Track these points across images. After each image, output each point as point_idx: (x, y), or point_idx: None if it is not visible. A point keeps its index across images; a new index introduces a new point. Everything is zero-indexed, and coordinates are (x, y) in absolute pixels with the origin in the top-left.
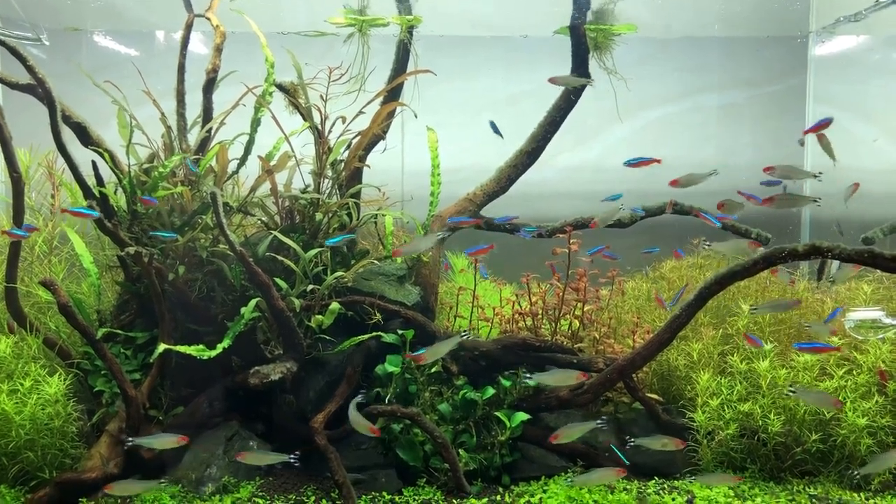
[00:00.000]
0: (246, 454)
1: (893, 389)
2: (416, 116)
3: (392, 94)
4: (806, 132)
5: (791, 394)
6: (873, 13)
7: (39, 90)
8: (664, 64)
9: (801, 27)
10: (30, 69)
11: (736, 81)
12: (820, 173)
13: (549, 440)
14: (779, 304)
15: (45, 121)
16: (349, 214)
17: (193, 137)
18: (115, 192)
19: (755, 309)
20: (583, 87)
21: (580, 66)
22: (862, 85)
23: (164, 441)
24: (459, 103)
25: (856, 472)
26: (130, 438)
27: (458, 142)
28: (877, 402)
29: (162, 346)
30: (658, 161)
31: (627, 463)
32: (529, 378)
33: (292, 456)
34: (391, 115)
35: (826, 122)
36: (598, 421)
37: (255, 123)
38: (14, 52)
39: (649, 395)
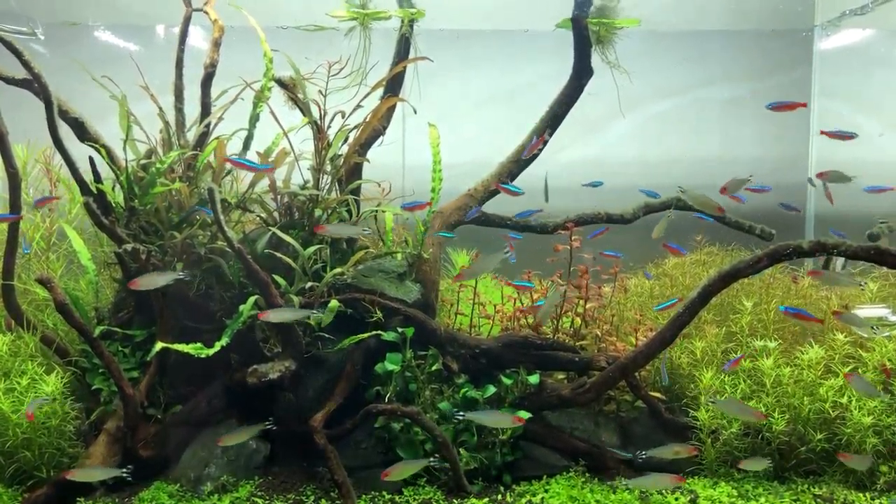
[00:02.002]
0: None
1: None
2: (415, 112)
3: (392, 87)
4: (823, 132)
5: (713, 403)
6: (879, 6)
7: (35, 85)
8: (667, 58)
9: (806, 21)
10: (25, 64)
11: (740, 75)
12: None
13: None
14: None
15: (41, 116)
16: (349, 210)
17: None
18: (112, 189)
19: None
20: (585, 81)
21: (582, 61)
22: (867, 78)
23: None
24: (460, 97)
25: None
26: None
27: (459, 136)
28: (882, 400)
29: (160, 345)
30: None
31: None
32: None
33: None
34: (391, 109)
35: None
36: (431, 459)
37: (254, 119)
38: (9, 46)
39: (652, 393)
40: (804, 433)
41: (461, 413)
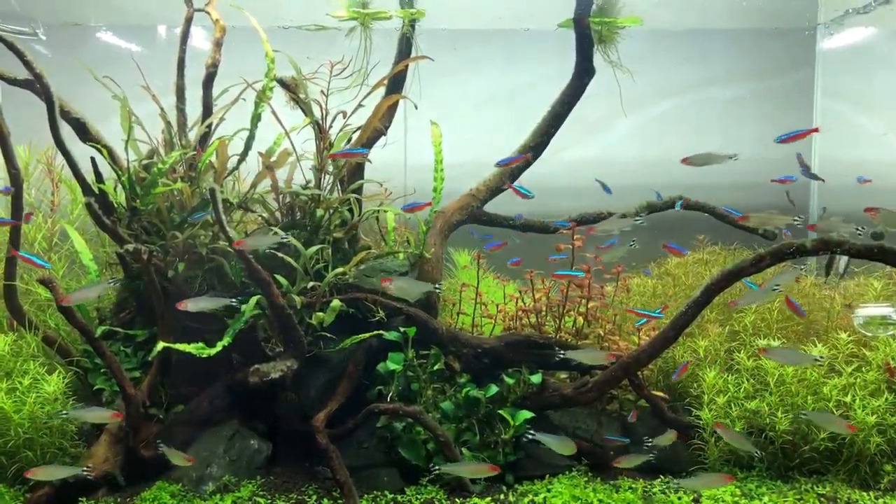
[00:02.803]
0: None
1: None
2: (416, 107)
3: (393, 87)
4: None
5: (804, 415)
6: (882, 6)
7: (37, 85)
8: (670, 57)
9: (809, 19)
10: (27, 64)
11: (742, 75)
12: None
13: None
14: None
15: (43, 116)
16: (350, 210)
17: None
18: (114, 189)
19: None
20: (587, 81)
21: (584, 60)
22: (870, 78)
23: (98, 415)
24: (461, 97)
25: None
26: (64, 412)
27: (460, 136)
28: (886, 399)
29: (161, 344)
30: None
31: (627, 441)
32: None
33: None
34: (393, 108)
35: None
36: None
37: (256, 119)
38: (11, 46)
39: (655, 392)
40: (808, 432)
41: (532, 432)
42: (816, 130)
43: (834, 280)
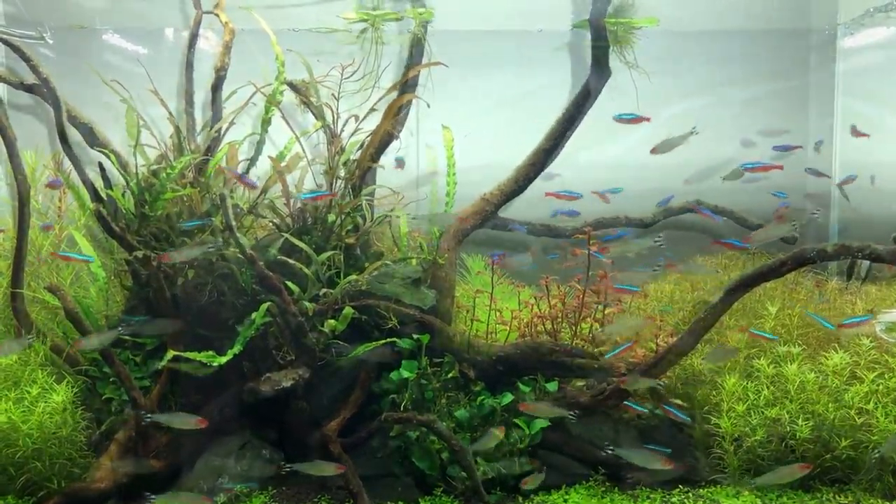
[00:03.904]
0: None
1: None
2: (428, 106)
3: (405, 90)
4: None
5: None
6: None
7: (45, 90)
8: (687, 58)
9: (829, 19)
10: (34, 68)
11: (761, 75)
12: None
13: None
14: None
15: (50, 121)
16: (362, 215)
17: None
18: (122, 195)
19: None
20: (604, 82)
21: (600, 61)
22: (891, 76)
23: (182, 421)
24: (474, 100)
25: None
26: (149, 415)
27: (472, 140)
28: None
29: (171, 353)
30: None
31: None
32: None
33: None
34: (404, 111)
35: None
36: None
37: (266, 123)
38: (18, 51)
39: (673, 400)
40: (829, 440)
41: (610, 447)
42: (780, 167)
43: (856, 284)
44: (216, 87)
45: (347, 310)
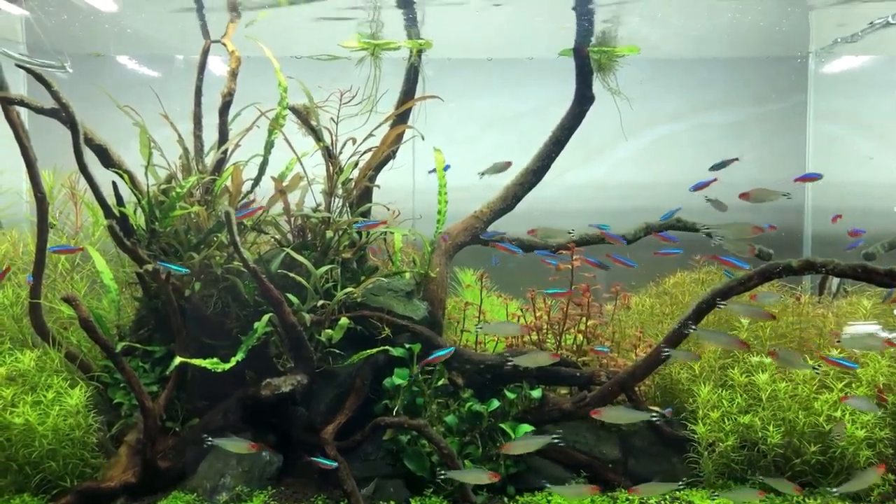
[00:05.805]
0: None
1: (892, 402)
2: (423, 139)
3: (401, 115)
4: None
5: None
6: (868, 34)
7: (63, 114)
8: (668, 83)
9: (801, 48)
10: (54, 94)
11: (739, 100)
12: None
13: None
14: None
15: (68, 143)
16: (359, 232)
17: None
18: (134, 212)
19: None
20: (587, 107)
21: (584, 88)
22: (862, 101)
23: (237, 445)
24: (466, 122)
25: (834, 490)
26: (210, 439)
27: (465, 159)
28: (875, 414)
29: (178, 360)
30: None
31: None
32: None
33: None
34: (400, 135)
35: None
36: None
37: (269, 145)
38: (39, 78)
39: (651, 407)
40: (799, 446)
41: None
42: (715, 180)
43: (827, 299)
44: (223, 111)
45: (343, 320)
